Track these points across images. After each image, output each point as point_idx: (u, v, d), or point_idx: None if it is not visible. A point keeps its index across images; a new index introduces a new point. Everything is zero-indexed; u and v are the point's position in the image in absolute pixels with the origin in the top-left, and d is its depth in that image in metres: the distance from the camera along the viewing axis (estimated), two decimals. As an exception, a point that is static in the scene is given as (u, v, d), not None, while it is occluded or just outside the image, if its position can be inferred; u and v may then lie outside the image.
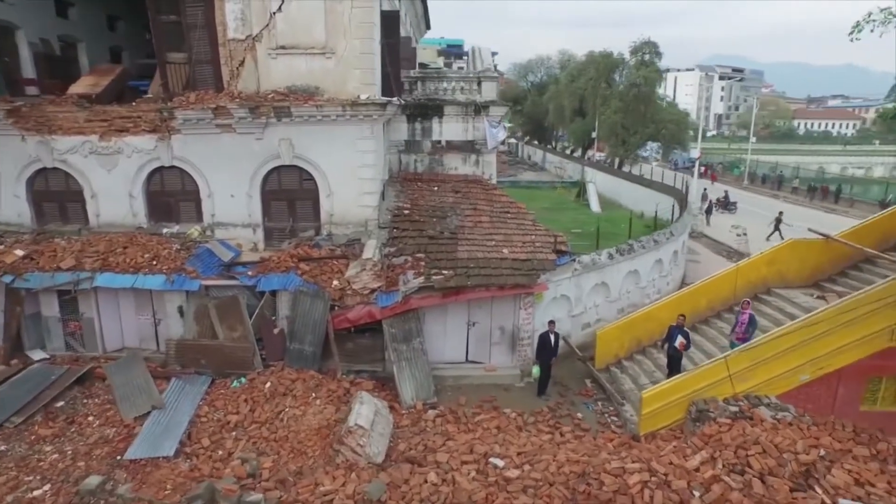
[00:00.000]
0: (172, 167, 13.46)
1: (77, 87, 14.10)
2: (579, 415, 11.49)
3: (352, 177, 13.38)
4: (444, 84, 16.18)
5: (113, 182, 13.53)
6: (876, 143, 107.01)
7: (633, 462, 8.73)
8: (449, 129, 16.27)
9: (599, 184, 34.29)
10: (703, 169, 44.48)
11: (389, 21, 14.59)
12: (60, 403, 11.04)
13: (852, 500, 8.32)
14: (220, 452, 9.66)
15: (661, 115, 37.29)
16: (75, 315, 12.73)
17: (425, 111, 15.91)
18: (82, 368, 11.82)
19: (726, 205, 30.90)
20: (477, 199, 15.36)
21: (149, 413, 10.40)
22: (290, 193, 13.74)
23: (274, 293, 12.30)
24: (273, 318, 12.30)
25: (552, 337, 11.92)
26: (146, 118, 13.18)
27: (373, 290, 12.11)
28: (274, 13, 12.56)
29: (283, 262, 12.39)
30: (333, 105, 12.69)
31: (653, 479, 8.43)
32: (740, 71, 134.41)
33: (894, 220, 12.55)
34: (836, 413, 10.11)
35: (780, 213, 24.05)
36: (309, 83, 12.97)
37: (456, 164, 16.69)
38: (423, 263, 12.55)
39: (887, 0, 11.03)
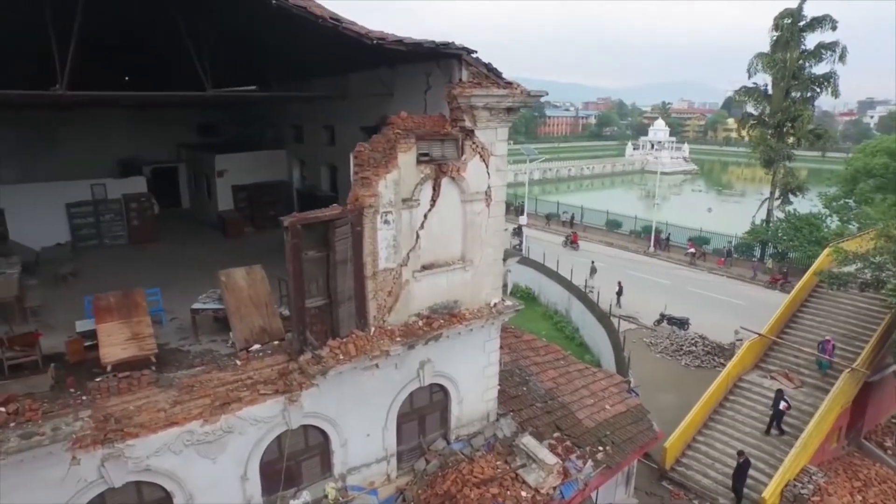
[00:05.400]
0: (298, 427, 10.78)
1: (111, 354, 9.63)
2: (700, 520, 14.91)
3: (479, 377, 13.21)
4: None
5: (219, 472, 10.02)
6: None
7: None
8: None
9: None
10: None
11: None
12: None
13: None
14: None
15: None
16: None
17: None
18: None
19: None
20: (521, 351, 16.60)
21: None
22: (420, 411, 12.65)
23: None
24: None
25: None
26: (261, 377, 10.21)
27: (554, 488, 12.70)
28: (419, 231, 11.37)
29: (478, 499, 11.71)
30: (479, 319, 12.34)
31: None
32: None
33: (785, 313, 19.63)
34: (825, 454, 16.15)
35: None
36: (448, 299, 12.17)
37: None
38: (567, 443, 13.63)
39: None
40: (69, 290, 14.59)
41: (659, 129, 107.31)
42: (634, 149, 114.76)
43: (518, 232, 42.83)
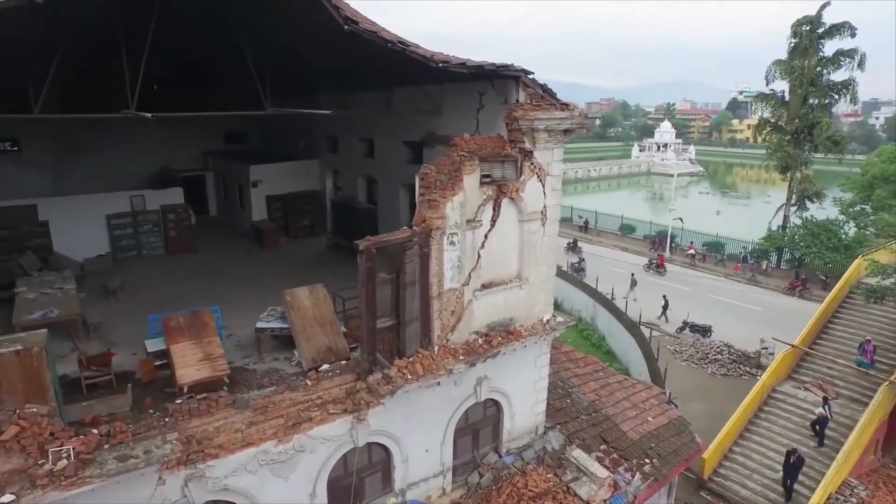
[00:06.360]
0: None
1: (186, 375, 9.81)
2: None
3: (531, 391, 13.40)
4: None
5: (290, 490, 10.20)
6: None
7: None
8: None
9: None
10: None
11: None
12: None
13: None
14: None
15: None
16: None
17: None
18: None
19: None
20: (561, 363, 16.78)
21: None
22: (474, 426, 12.85)
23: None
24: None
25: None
26: (330, 397, 10.39)
27: (605, 501, 12.89)
28: (480, 250, 11.55)
29: (536, 513, 11.91)
30: (534, 335, 12.53)
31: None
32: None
33: (817, 324, 19.82)
34: (863, 466, 16.34)
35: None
36: (505, 316, 12.35)
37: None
38: (614, 455, 13.83)
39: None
40: (118, 303, 14.78)
41: (665, 131, 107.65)
42: (640, 150, 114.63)
43: (573, 247, 39.49)
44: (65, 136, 21.42)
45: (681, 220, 41.25)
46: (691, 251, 40.59)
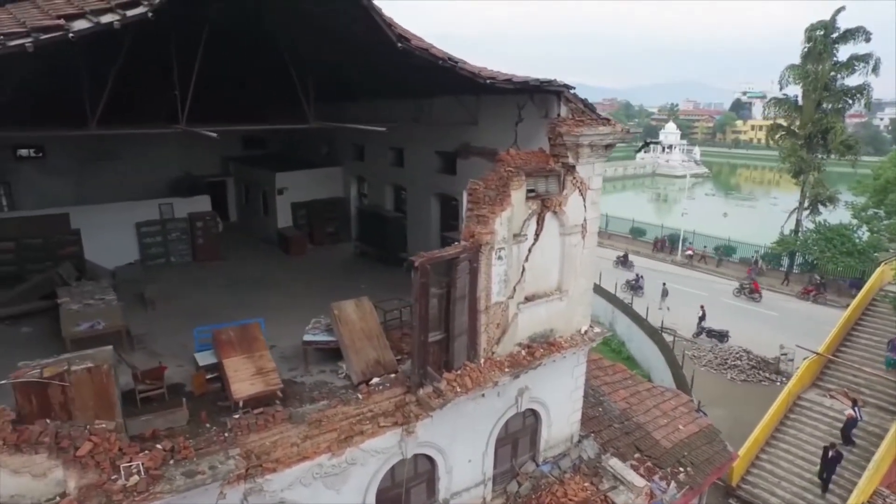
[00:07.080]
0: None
1: (241, 390, 9.92)
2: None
3: (567, 401, 13.54)
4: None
5: (341, 502, 10.33)
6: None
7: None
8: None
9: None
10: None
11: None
12: None
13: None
14: None
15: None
16: None
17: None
18: None
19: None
20: (591, 371, 16.89)
21: None
22: (513, 435, 12.98)
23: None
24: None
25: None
26: (380, 410, 10.51)
27: (642, 510, 13.03)
28: (524, 263, 11.67)
29: (577, 523, 12.04)
30: (573, 346, 12.66)
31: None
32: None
33: (840, 332, 19.94)
34: (893, 475, 16.46)
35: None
36: (546, 328, 12.48)
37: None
38: (649, 464, 13.96)
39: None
40: (155, 312, 14.87)
41: (670, 132, 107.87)
42: (645, 152, 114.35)
43: (624, 262, 37.07)
44: (87, 143, 21.47)
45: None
46: (689, 252, 41.04)
